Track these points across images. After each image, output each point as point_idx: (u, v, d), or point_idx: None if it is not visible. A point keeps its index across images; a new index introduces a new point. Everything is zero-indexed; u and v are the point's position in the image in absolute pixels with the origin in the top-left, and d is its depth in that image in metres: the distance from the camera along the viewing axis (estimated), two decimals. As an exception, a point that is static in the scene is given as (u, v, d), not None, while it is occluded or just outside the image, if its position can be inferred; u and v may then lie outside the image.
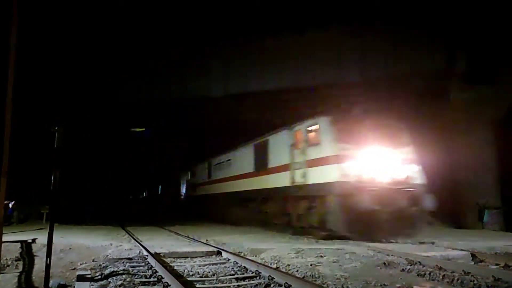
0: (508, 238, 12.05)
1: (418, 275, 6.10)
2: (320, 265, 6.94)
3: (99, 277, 6.01)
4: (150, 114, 24.21)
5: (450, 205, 15.61)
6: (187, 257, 8.23)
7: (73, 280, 5.87)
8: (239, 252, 8.76)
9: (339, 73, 18.67)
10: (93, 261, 7.52)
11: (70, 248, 9.10)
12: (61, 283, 5.69)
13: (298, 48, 19.14)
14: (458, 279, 5.71)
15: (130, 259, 7.80)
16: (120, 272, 6.34)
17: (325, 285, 5.44)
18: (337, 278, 5.85)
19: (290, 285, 5.33)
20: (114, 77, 20.46)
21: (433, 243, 10.23)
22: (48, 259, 5.25)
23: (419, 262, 7.01)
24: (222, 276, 6.20)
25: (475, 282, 5.54)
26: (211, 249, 8.97)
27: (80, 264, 7.18)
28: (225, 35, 18.65)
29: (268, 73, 19.53)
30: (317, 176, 11.28)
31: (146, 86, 20.70)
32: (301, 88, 19.38)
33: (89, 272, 6.30)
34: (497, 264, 7.23)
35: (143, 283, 5.73)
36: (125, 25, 18.07)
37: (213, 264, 7.37)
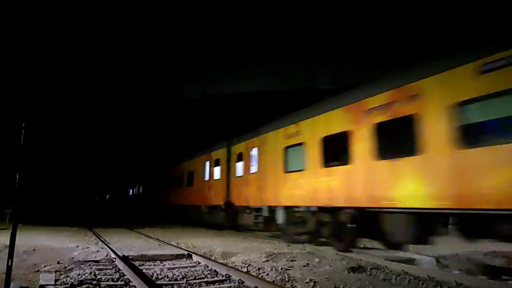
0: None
1: (385, 280, 6.25)
2: (291, 269, 6.99)
3: (64, 279, 5.83)
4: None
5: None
6: (157, 260, 8.09)
7: (36, 283, 5.67)
8: (210, 255, 8.70)
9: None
10: (58, 263, 7.28)
11: (34, 250, 8.81)
12: (23, 285, 5.47)
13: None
14: (423, 283, 5.91)
15: (97, 261, 7.60)
16: (86, 274, 6.17)
17: (294, 289, 5.48)
18: (307, 282, 5.91)
19: (260, 289, 5.34)
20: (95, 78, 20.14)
21: (400, 248, 10.47)
22: (10, 260, 5.03)
23: (386, 266, 7.18)
24: (192, 279, 6.13)
25: (439, 286, 5.75)
26: (181, 252, 8.85)
27: (44, 266, 6.92)
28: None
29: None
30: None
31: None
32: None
33: (53, 274, 6.09)
34: (459, 269, 7.50)
35: (110, 286, 5.60)
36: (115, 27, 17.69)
37: (183, 267, 7.27)
